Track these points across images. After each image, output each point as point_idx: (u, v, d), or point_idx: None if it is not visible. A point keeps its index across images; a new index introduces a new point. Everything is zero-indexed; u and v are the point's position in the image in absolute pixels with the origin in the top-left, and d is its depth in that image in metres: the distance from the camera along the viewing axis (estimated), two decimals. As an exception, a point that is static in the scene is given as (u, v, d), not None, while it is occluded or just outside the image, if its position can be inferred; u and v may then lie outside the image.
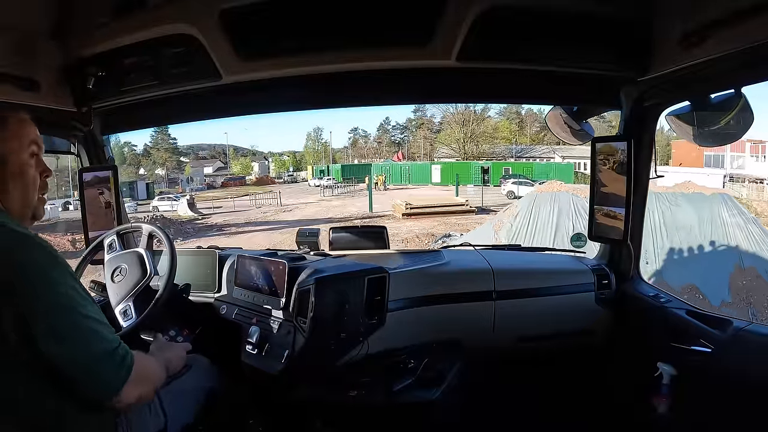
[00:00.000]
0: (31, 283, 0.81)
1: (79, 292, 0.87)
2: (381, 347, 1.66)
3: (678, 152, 28.92)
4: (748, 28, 1.04)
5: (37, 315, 0.80)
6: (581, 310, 1.85)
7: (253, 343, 1.61)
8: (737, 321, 1.38)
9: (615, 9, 1.35)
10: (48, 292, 0.82)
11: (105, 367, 0.86)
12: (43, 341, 0.80)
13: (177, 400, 1.18)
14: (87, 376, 0.85)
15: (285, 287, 1.63)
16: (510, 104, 40.45)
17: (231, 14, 1.35)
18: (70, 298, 0.84)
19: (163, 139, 50.30)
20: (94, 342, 0.85)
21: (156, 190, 40.23)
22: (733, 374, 1.32)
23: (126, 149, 49.31)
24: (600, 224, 1.79)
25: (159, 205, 27.07)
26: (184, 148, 55.11)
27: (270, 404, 1.66)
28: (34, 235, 0.87)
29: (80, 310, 0.85)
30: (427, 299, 1.75)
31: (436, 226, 15.24)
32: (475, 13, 1.30)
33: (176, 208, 24.07)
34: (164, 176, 47.18)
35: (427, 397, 1.49)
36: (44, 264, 0.84)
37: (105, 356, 0.86)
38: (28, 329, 0.79)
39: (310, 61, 1.46)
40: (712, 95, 1.42)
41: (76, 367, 0.83)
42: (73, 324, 0.83)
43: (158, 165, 48.81)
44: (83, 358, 0.84)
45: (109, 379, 0.86)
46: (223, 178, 47.39)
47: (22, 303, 0.79)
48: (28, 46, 1.41)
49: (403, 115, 62.53)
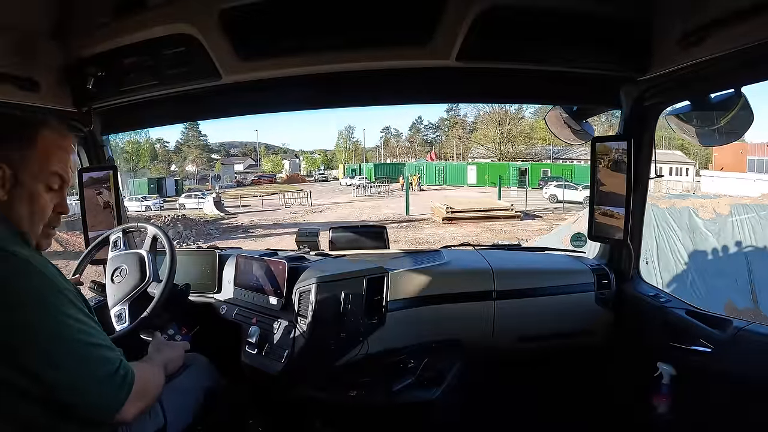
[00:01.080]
0: (28, 312, 0.78)
1: (79, 318, 0.84)
2: (381, 347, 1.66)
3: (720, 156, 28.36)
4: (748, 28, 1.04)
5: (34, 344, 0.78)
6: (581, 310, 1.85)
7: (253, 343, 1.61)
8: (737, 321, 1.38)
9: (615, 9, 1.35)
10: (45, 321, 0.80)
11: (105, 390, 0.84)
12: (41, 369, 0.78)
13: (176, 399, 1.18)
14: (87, 400, 0.83)
15: (285, 287, 1.63)
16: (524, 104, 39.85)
17: (231, 14, 1.35)
18: (68, 326, 0.82)
19: (194, 136, 50.37)
20: (94, 367, 0.84)
21: (185, 187, 39.97)
22: (733, 374, 1.32)
23: (158, 145, 49.66)
24: (600, 224, 1.79)
25: (186, 203, 26.50)
26: (216, 145, 55.41)
27: (270, 404, 1.66)
28: (33, 261, 0.83)
29: (78, 336, 0.83)
30: (427, 299, 1.75)
31: (481, 233, 14.16)
32: (475, 13, 1.30)
33: (203, 206, 23.41)
34: (195, 173, 47.23)
35: (427, 397, 1.49)
36: (42, 292, 0.81)
37: (105, 380, 0.85)
38: (26, 358, 0.77)
39: (310, 61, 1.46)
40: (712, 95, 1.42)
41: (74, 393, 0.82)
42: (71, 352, 0.81)
43: (189, 161, 48.95)
44: (82, 383, 0.82)
45: (110, 400, 0.85)
46: (254, 175, 47.33)
47: (18, 337, 0.77)
48: (28, 46, 1.41)
49: (435, 114, 62.56)
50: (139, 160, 46.03)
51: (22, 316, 0.78)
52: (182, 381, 1.24)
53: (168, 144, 50.56)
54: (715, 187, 19.13)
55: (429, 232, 14.46)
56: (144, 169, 45.86)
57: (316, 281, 1.57)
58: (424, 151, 49.91)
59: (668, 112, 1.57)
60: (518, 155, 39.64)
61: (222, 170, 48.72)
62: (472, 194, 26.22)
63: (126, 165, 44.87)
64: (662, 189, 22.13)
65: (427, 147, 51.67)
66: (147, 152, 47.33)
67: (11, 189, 0.85)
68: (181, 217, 18.36)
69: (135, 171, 44.40)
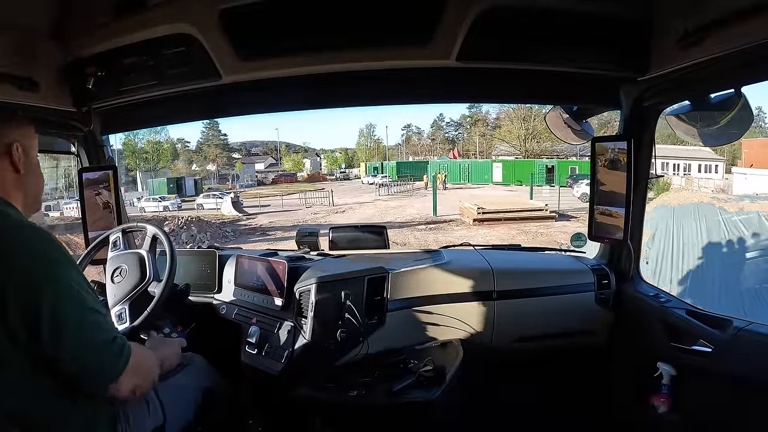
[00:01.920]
0: (40, 275, 0.85)
1: (81, 284, 0.91)
2: (381, 347, 1.66)
3: (750, 153, 27.50)
4: (748, 28, 1.04)
5: (43, 306, 0.83)
6: (581, 310, 1.85)
7: (253, 343, 1.61)
8: (737, 321, 1.38)
9: (615, 9, 1.35)
10: (54, 285, 0.86)
11: (104, 356, 0.89)
12: (46, 332, 0.82)
13: (175, 397, 1.18)
14: (86, 365, 0.87)
15: (285, 287, 1.63)
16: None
17: (231, 14, 1.35)
18: (73, 289, 0.88)
19: (214, 135, 50.30)
20: (94, 332, 0.89)
21: (204, 187, 39.60)
22: (733, 374, 1.32)
23: (179, 145, 49.66)
24: (600, 224, 1.79)
25: (204, 203, 26.06)
26: (237, 144, 55.30)
27: (270, 404, 1.66)
28: (43, 229, 0.92)
29: (83, 302, 0.88)
30: (428, 299, 1.75)
31: (516, 236, 13.06)
32: (475, 13, 1.30)
33: (220, 207, 22.79)
34: (215, 172, 47.13)
35: (427, 397, 1.48)
36: (52, 257, 0.88)
37: (104, 346, 0.89)
38: (36, 321, 0.82)
39: (309, 61, 1.46)
40: (712, 95, 1.42)
41: (75, 357, 0.86)
42: (75, 315, 0.86)
43: (209, 161, 48.93)
44: (83, 347, 0.87)
45: (107, 368, 0.89)
46: (275, 174, 47.11)
47: (31, 294, 0.83)
48: (28, 46, 1.41)
49: (457, 111, 61.92)
50: (159, 159, 45.90)
51: (34, 279, 0.84)
52: (180, 379, 1.25)
53: (189, 144, 50.72)
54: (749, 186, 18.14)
55: (460, 235, 13.42)
56: (164, 169, 45.73)
57: (317, 281, 1.57)
58: (446, 149, 49.36)
59: (668, 112, 1.57)
60: (543, 152, 38.58)
61: (243, 169, 48.63)
62: (499, 193, 25.10)
63: (146, 165, 44.83)
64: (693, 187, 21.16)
65: (448, 145, 51.16)
66: (168, 152, 47.22)
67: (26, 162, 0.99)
68: (195, 219, 17.43)
69: (155, 171, 44.29)
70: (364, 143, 54.87)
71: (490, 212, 15.31)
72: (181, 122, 2.25)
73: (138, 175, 43.16)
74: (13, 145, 0.97)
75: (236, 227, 17.22)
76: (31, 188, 1.01)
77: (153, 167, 44.96)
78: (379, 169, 40.43)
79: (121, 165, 47.06)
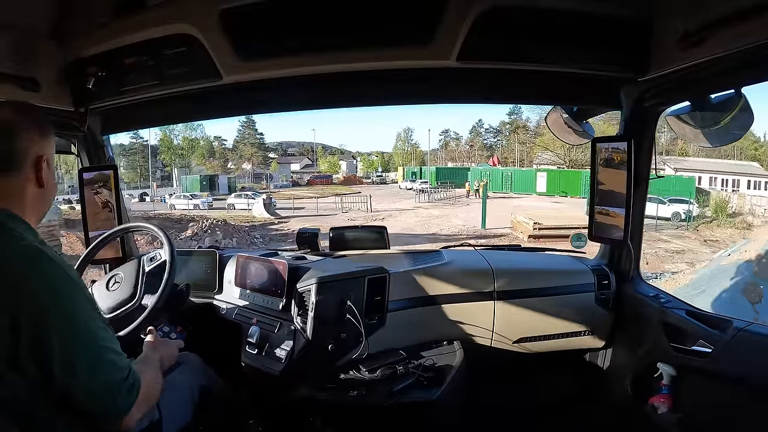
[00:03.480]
0: (51, 309, 0.80)
1: (96, 321, 0.86)
2: (381, 347, 1.66)
3: None
4: (748, 28, 1.04)
5: (53, 343, 0.78)
6: (581, 311, 1.85)
7: (253, 344, 1.61)
8: (737, 321, 1.38)
9: (615, 9, 1.35)
10: (66, 321, 0.81)
11: (116, 395, 0.86)
12: (58, 371, 0.79)
13: (170, 395, 1.18)
14: (99, 405, 0.85)
15: (285, 287, 1.63)
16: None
17: (231, 14, 1.34)
18: (87, 327, 0.83)
19: (250, 134, 50.09)
20: (108, 372, 0.85)
21: (238, 185, 39.22)
22: (733, 374, 1.32)
23: (216, 143, 49.59)
24: (600, 224, 1.79)
25: (235, 203, 25.35)
26: (273, 144, 54.98)
27: (270, 404, 1.66)
28: (56, 257, 0.86)
29: (96, 340, 0.84)
30: (428, 299, 1.75)
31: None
32: (475, 13, 1.30)
33: (251, 208, 21.90)
34: (250, 171, 46.92)
35: (427, 397, 1.48)
36: (65, 291, 0.83)
37: (116, 385, 0.86)
38: (47, 359, 0.78)
39: (310, 61, 1.45)
40: (712, 95, 1.42)
41: (88, 396, 0.83)
42: (89, 355, 0.83)
43: (245, 159, 48.79)
44: (95, 387, 0.83)
45: (119, 406, 0.86)
46: (310, 175, 46.76)
47: (40, 330, 0.78)
48: (28, 46, 1.40)
49: (496, 117, 60.88)
50: (194, 156, 45.83)
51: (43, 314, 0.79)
52: (176, 377, 1.25)
53: (226, 141, 50.57)
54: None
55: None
56: (199, 166, 45.62)
57: (317, 281, 1.57)
58: (485, 156, 48.20)
59: (668, 112, 1.57)
60: (577, 162, 35.81)
61: (278, 169, 48.53)
62: (545, 204, 23.35)
63: (181, 161, 44.89)
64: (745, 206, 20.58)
65: (487, 151, 50.21)
66: (204, 149, 47.13)
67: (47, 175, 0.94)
68: (222, 222, 15.96)
69: (190, 168, 44.16)
70: (401, 147, 54.21)
71: (547, 228, 13.44)
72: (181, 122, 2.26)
73: (174, 171, 43.09)
74: (42, 158, 0.91)
75: (266, 232, 16.02)
76: (49, 197, 0.97)
77: (188, 164, 44.92)
78: (418, 174, 39.49)
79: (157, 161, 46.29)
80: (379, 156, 55.73)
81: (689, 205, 18.95)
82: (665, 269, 10.07)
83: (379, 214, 20.48)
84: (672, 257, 12.39)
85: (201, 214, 20.40)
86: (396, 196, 28.77)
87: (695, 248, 13.87)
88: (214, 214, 20.21)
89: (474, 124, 54.57)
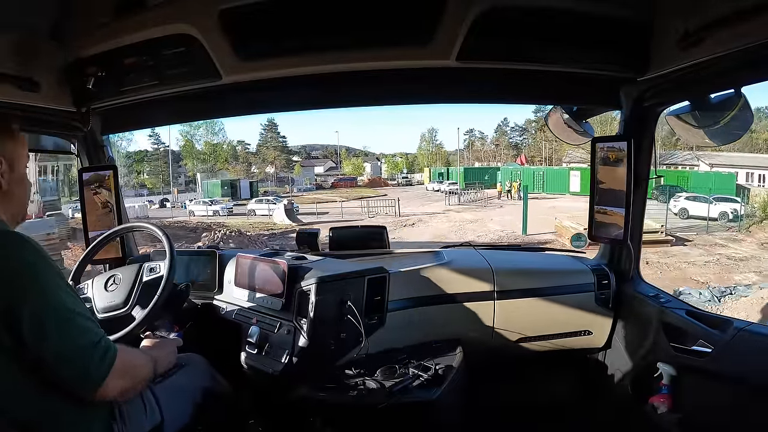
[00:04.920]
0: (19, 280, 0.84)
1: (63, 288, 0.90)
2: (381, 347, 1.66)
3: None
4: (748, 28, 1.04)
5: (24, 310, 0.83)
6: (581, 310, 1.85)
7: (253, 343, 1.60)
8: (737, 321, 1.38)
9: (615, 9, 1.35)
10: (35, 289, 0.85)
11: (87, 359, 0.88)
12: (28, 335, 0.82)
13: (172, 397, 1.18)
14: (70, 369, 0.87)
15: (285, 287, 1.63)
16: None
17: (231, 14, 1.35)
18: (54, 293, 0.87)
19: (273, 137, 49.82)
20: (77, 336, 0.88)
21: (260, 189, 38.35)
22: (732, 374, 1.32)
23: (239, 147, 49.47)
24: (600, 224, 1.79)
25: (256, 209, 24.13)
26: (297, 147, 54.66)
27: (270, 404, 1.66)
28: (22, 235, 0.91)
29: (65, 304, 0.88)
30: (427, 299, 1.75)
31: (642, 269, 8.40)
32: (475, 13, 1.30)
33: (272, 213, 20.83)
34: (273, 174, 46.62)
35: (427, 397, 1.48)
36: (32, 262, 0.87)
37: (87, 349, 0.88)
38: (17, 324, 0.82)
39: (309, 61, 1.46)
40: (712, 95, 1.42)
41: (59, 360, 0.85)
42: (58, 318, 0.86)
43: (267, 163, 48.62)
44: (66, 351, 0.86)
45: (92, 371, 0.88)
46: (334, 178, 46.29)
47: (11, 298, 0.82)
48: (28, 46, 1.40)
49: (522, 116, 59.56)
50: (216, 161, 45.54)
51: (13, 283, 0.84)
52: (178, 379, 1.25)
53: (249, 146, 50.36)
54: None
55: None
56: (222, 171, 45.26)
57: (317, 281, 1.57)
58: (511, 155, 47.01)
59: (668, 112, 1.57)
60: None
61: (302, 172, 48.33)
62: (581, 205, 18.28)
63: (202, 165, 44.61)
64: None
65: (513, 150, 48.92)
66: (226, 153, 46.91)
67: (9, 178, 0.96)
68: (236, 233, 15.21)
69: (213, 172, 43.90)
70: (425, 148, 53.44)
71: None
72: (181, 122, 2.26)
73: (197, 176, 42.83)
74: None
75: (287, 241, 14.66)
76: (16, 201, 0.99)
77: (210, 168, 44.65)
78: (445, 175, 38.62)
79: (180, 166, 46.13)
80: (403, 157, 55.14)
81: (736, 203, 17.29)
82: (736, 281, 8.92)
83: (407, 218, 18.92)
84: (737, 266, 11.00)
85: (219, 222, 19.70)
86: (423, 198, 27.54)
87: (757, 254, 12.35)
88: (233, 221, 19.41)
89: (499, 122, 53.61)
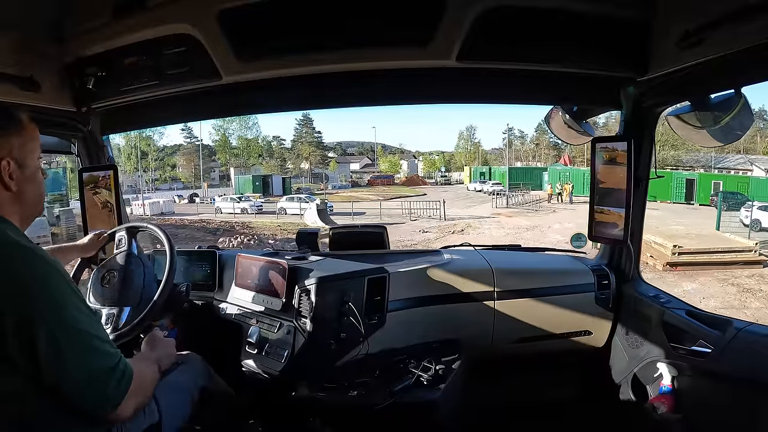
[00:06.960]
0: (35, 301, 0.81)
1: (81, 310, 0.87)
2: (381, 347, 1.66)
3: None
4: (747, 28, 1.04)
5: (40, 330, 0.79)
6: (581, 311, 1.85)
7: (253, 343, 1.61)
8: (737, 321, 1.38)
9: (615, 9, 1.35)
10: (52, 311, 0.82)
11: (105, 383, 0.85)
12: (45, 359, 0.79)
13: (170, 395, 1.18)
14: (87, 393, 0.84)
15: (285, 287, 1.63)
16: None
17: (230, 14, 1.35)
18: (72, 316, 0.84)
19: (308, 132, 49.42)
20: (95, 359, 0.85)
21: (293, 186, 37.07)
22: (732, 374, 1.32)
23: (275, 143, 49.60)
24: (600, 224, 1.79)
25: (287, 207, 22.65)
26: (332, 144, 54.51)
27: (270, 404, 1.66)
28: (38, 250, 0.87)
29: (82, 327, 0.84)
30: (427, 299, 1.75)
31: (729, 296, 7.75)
32: (475, 14, 1.30)
33: (303, 214, 19.20)
34: (308, 170, 46.23)
35: (427, 397, 1.49)
36: (49, 282, 0.83)
37: (106, 373, 0.86)
38: (32, 344, 0.79)
39: (309, 61, 1.46)
40: (712, 95, 1.42)
41: (76, 386, 0.83)
42: (75, 342, 0.83)
43: (302, 158, 48.36)
44: (84, 375, 0.83)
45: (110, 394, 0.86)
46: (370, 175, 45.65)
47: (26, 322, 0.79)
48: (29, 46, 1.40)
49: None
50: (249, 156, 45.06)
51: (30, 305, 0.80)
52: (176, 378, 1.24)
53: (285, 141, 50.16)
54: None
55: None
56: (256, 166, 44.69)
57: (317, 281, 1.57)
58: (551, 156, 45.36)
59: (668, 112, 1.57)
60: (665, 162, 31.81)
61: (337, 169, 47.90)
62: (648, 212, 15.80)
63: (236, 161, 44.29)
64: None
65: (553, 150, 47.35)
66: (260, 149, 46.49)
67: (19, 177, 0.91)
68: (255, 240, 13.91)
69: (247, 167, 43.41)
70: (463, 146, 52.60)
71: (691, 253, 9.36)
72: (181, 122, 2.26)
73: (231, 171, 42.36)
74: (2, 162, 0.88)
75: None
76: (28, 201, 0.94)
77: (243, 163, 44.19)
78: (487, 174, 37.51)
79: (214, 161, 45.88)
80: (440, 155, 54.43)
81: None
82: None
83: (454, 223, 16.48)
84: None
85: (244, 222, 18.13)
86: (467, 199, 26.03)
87: None
88: (261, 220, 17.90)
89: (540, 121, 52.38)
